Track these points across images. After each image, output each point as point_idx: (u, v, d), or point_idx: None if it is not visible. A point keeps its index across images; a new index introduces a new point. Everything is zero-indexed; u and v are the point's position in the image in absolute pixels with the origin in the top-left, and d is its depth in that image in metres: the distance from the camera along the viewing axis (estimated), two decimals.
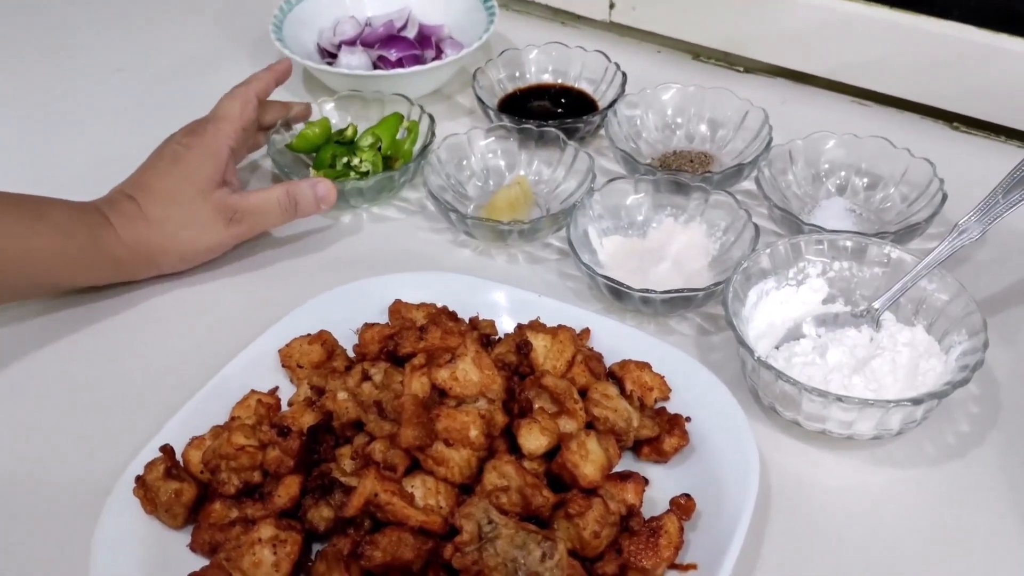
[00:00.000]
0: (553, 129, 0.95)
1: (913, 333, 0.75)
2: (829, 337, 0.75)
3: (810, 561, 0.66)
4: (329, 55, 1.10)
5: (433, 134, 0.95)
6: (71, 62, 1.18)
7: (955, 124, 1.03)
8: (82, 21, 1.26)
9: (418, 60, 1.08)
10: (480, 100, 1.01)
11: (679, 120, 1.00)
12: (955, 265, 0.82)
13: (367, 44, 1.09)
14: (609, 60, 1.05)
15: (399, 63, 1.07)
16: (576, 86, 1.07)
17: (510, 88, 1.06)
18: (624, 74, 1.03)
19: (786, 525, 0.68)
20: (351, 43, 1.09)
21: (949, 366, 0.72)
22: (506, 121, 0.97)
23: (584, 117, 0.98)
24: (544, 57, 1.07)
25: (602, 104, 1.03)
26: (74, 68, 1.17)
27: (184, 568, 0.62)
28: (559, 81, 1.08)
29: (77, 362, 0.81)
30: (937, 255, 0.75)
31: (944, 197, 0.85)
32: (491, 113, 1.00)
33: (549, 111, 1.04)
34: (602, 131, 0.99)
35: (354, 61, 1.06)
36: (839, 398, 0.67)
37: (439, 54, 1.09)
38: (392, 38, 1.09)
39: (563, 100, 1.06)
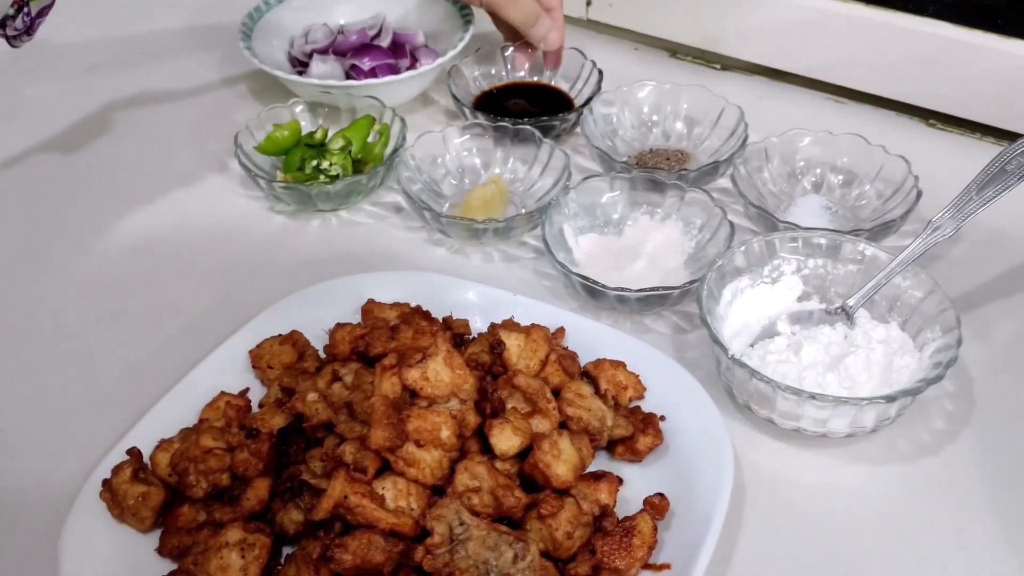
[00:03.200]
0: (529, 127, 0.94)
1: (887, 330, 0.75)
2: (804, 335, 0.75)
3: (784, 559, 0.66)
4: (301, 64, 1.07)
5: (404, 137, 0.94)
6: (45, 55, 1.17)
7: (930, 121, 1.03)
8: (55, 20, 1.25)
9: (392, 69, 1.05)
10: (455, 98, 1.00)
11: (655, 118, 1.00)
12: (929, 262, 0.82)
13: (340, 52, 1.07)
14: (585, 57, 1.04)
15: (372, 72, 1.04)
16: (552, 84, 1.06)
17: (486, 86, 1.06)
18: (600, 72, 1.02)
19: (760, 523, 0.68)
20: (323, 51, 1.07)
21: (923, 363, 0.72)
22: (481, 119, 0.97)
23: (560, 115, 0.98)
24: (520, 55, 1.07)
25: (578, 102, 1.03)
26: (45, 65, 1.16)
27: (153, 572, 0.62)
28: (535, 79, 1.07)
29: (42, 362, 0.80)
30: (911, 252, 0.75)
31: (919, 194, 0.85)
32: (466, 111, 1.00)
33: (525, 109, 1.04)
34: (578, 129, 0.98)
35: (326, 70, 1.04)
36: (813, 396, 0.67)
37: (414, 63, 1.07)
38: (365, 47, 1.07)
39: (539, 98, 1.05)
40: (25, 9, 0.82)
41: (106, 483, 0.65)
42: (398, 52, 1.08)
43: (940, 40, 0.98)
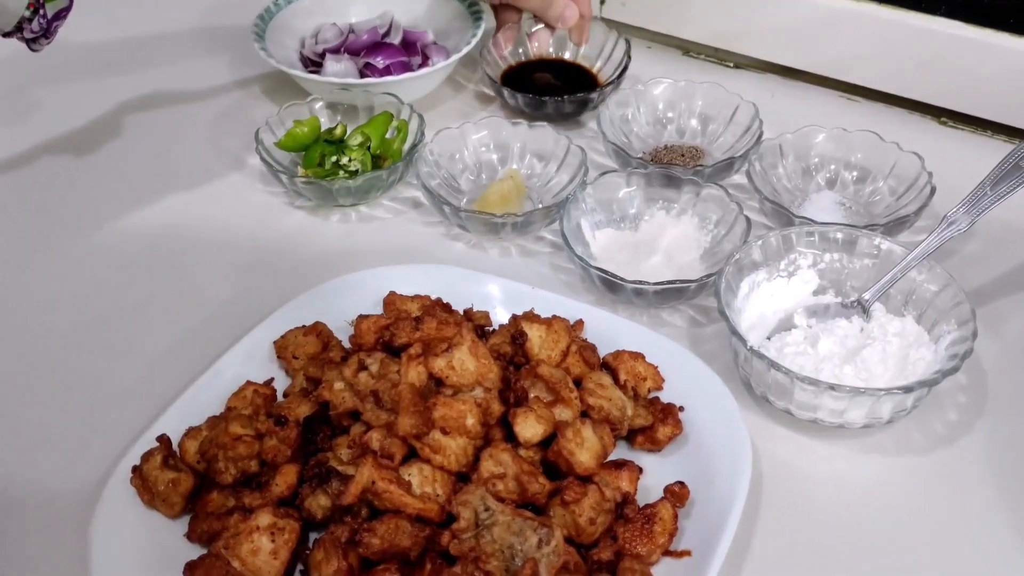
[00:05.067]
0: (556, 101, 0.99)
1: (903, 323, 0.76)
2: (820, 327, 0.76)
3: (801, 547, 0.67)
4: (313, 64, 1.08)
5: (423, 133, 0.95)
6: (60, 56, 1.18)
7: (943, 119, 1.04)
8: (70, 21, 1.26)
9: (406, 67, 1.05)
10: (489, 77, 1.04)
11: (670, 115, 1.01)
12: (944, 256, 0.83)
13: (352, 52, 1.07)
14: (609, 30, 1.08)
15: (387, 70, 1.05)
16: (572, 60, 1.09)
17: (511, 62, 1.08)
18: (628, 41, 1.06)
19: (778, 512, 0.69)
20: (335, 51, 1.07)
21: (939, 355, 0.73)
22: (519, 99, 1.01)
23: (598, 90, 1.02)
24: (538, 37, 1.09)
25: (601, 76, 1.06)
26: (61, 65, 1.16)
27: (182, 557, 0.63)
28: (556, 56, 1.10)
29: (69, 354, 0.81)
30: (926, 247, 0.76)
31: (933, 190, 0.86)
32: (504, 92, 1.03)
33: (551, 83, 1.07)
34: (604, 104, 1.00)
35: (341, 69, 1.04)
36: (831, 387, 0.68)
37: (425, 60, 1.07)
38: (377, 45, 1.07)
39: (562, 73, 1.08)
40: (41, 11, 0.82)
41: (136, 469, 0.66)
42: (409, 50, 1.08)
43: (952, 39, 0.99)
